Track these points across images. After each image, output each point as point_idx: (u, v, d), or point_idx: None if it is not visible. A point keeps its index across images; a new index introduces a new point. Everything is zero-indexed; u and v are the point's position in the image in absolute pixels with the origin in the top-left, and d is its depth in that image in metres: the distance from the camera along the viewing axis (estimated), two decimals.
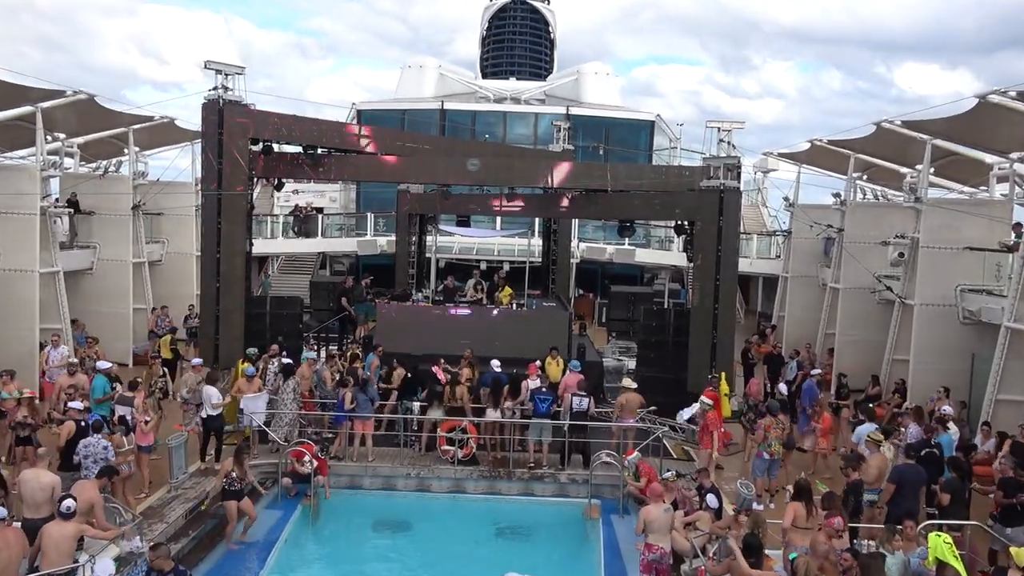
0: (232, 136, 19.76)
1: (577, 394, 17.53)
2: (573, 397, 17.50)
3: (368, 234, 38.67)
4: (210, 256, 20.08)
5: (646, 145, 43.18)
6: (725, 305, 20.41)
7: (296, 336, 21.50)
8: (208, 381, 16.94)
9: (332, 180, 28.43)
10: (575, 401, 17.46)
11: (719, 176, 20.18)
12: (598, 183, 21.52)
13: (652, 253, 38.95)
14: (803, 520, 11.78)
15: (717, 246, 20.18)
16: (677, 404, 20.06)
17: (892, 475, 13.42)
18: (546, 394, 17.61)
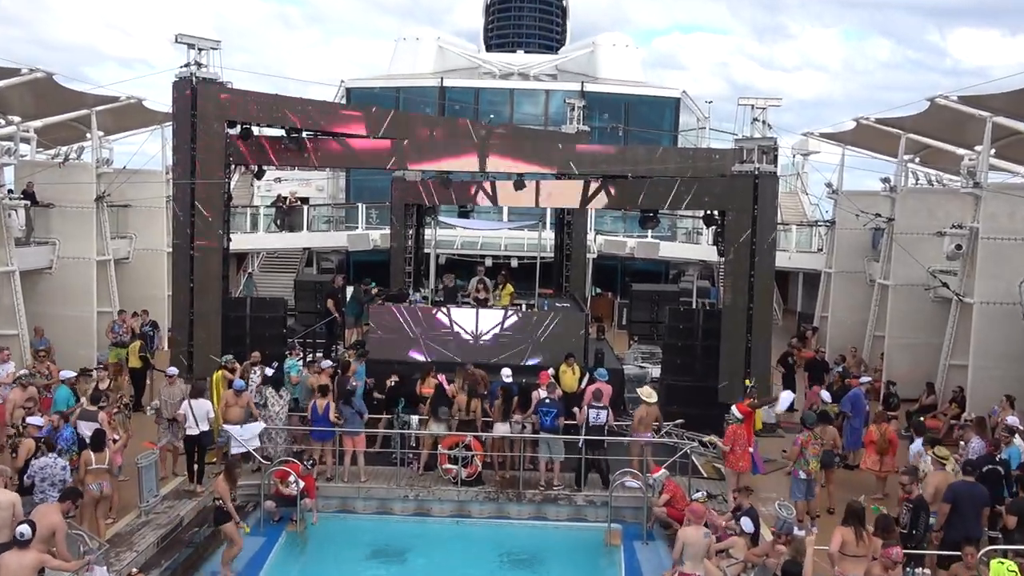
0: (207, 118, 19.79)
1: (594, 406, 17.51)
2: (590, 409, 17.49)
3: (359, 227, 38.74)
4: (183, 253, 20.13)
5: (671, 125, 43.15)
6: (761, 305, 20.35)
7: (279, 342, 21.53)
8: (195, 394, 16.97)
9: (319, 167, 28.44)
10: (591, 414, 17.44)
11: (753, 160, 20.11)
12: (616, 168, 21.48)
13: (678, 247, 38.91)
14: (852, 546, 11.73)
15: (751, 238, 20.12)
16: (707, 416, 20.02)
17: (947, 494, 13.37)
18: (550, 405, 17.57)
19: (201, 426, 16.70)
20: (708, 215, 22.35)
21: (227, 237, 20.87)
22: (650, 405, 18.03)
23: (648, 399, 18.11)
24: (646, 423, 17.92)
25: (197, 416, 16.68)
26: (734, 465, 16.70)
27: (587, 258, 30.44)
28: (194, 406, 16.74)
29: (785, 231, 36.48)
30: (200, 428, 16.70)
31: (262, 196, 41.59)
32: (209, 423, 16.87)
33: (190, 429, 16.76)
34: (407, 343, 21.82)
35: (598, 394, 17.74)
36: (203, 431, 16.76)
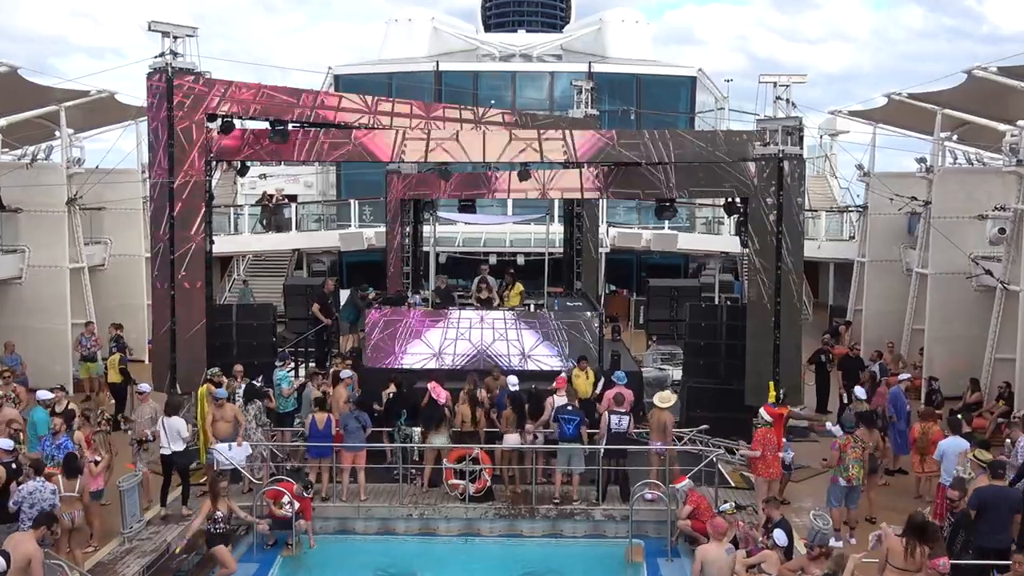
0: (184, 111, 19.83)
1: (616, 411, 17.52)
2: (611, 415, 17.49)
3: (352, 225, 38.78)
4: (163, 258, 20.17)
5: (687, 106, 43.11)
6: (789, 299, 20.33)
7: (268, 352, 21.58)
8: (169, 410, 16.97)
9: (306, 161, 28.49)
10: (613, 420, 17.45)
11: (777, 141, 20.09)
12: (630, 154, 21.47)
13: (698, 238, 38.90)
14: (899, 558, 11.68)
15: (777, 227, 20.10)
16: (732, 420, 20.02)
17: (971, 499, 13.41)
18: (572, 413, 17.60)
19: (174, 445, 16.69)
20: (729, 203, 22.30)
21: (210, 239, 20.91)
22: (661, 410, 18.01)
23: (661, 404, 18.09)
24: (658, 430, 17.93)
25: (170, 435, 16.70)
26: (764, 472, 16.69)
27: (599, 253, 30.41)
28: (167, 424, 16.76)
29: (813, 218, 36.45)
30: (172, 447, 16.70)
31: (246, 194, 41.62)
32: (185, 442, 16.87)
33: (164, 449, 16.79)
34: (405, 350, 21.84)
35: (619, 399, 17.75)
36: (176, 451, 16.74)
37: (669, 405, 18.21)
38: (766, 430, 16.84)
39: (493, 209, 36.95)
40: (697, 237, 38.91)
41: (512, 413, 17.96)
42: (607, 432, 17.52)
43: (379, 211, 35.44)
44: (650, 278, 33.38)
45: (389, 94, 39.59)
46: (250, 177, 34.09)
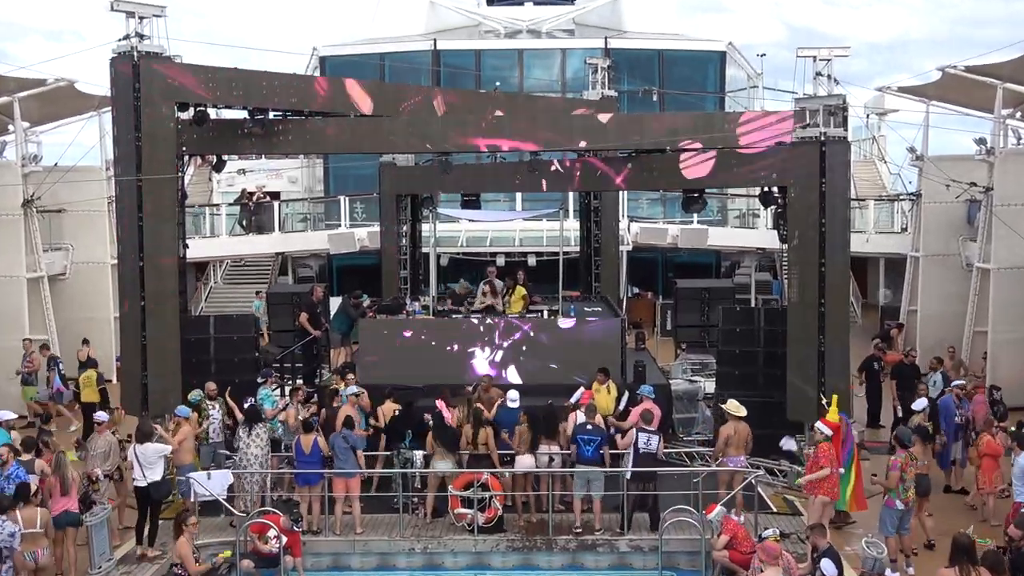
0: (153, 101, 19.87)
1: (644, 430, 17.48)
2: (640, 434, 17.46)
3: (343, 225, 38.85)
4: (131, 265, 20.20)
5: (715, 85, 43.08)
6: (834, 299, 20.29)
7: (250, 368, 21.59)
8: (140, 437, 16.95)
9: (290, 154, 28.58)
10: (641, 439, 17.41)
11: (818, 122, 20.07)
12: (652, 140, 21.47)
13: (731, 233, 38.87)
14: None
15: (820, 219, 20.05)
16: (773, 437, 19.99)
17: (1019, 519, 13.33)
18: (592, 432, 17.57)
19: (149, 475, 16.70)
20: (766, 192, 22.27)
21: (183, 244, 20.94)
22: (739, 420, 17.95)
23: (738, 412, 18.04)
24: (736, 443, 17.85)
25: (145, 464, 16.71)
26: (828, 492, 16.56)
27: (620, 251, 30.42)
28: (139, 453, 16.75)
29: (861, 208, 36.36)
30: (148, 478, 16.71)
31: (223, 192, 41.71)
32: (164, 470, 16.90)
33: (138, 480, 16.80)
34: (404, 362, 21.86)
35: (648, 415, 17.72)
36: (152, 482, 16.75)
37: (744, 414, 18.11)
38: (828, 444, 16.74)
39: (500, 204, 37.03)
40: (730, 232, 38.88)
41: (527, 431, 17.91)
42: (634, 452, 17.46)
43: (372, 209, 35.46)
44: (677, 279, 33.31)
45: (381, 77, 39.78)
46: (227, 173, 34.15)
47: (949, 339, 28.21)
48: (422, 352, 22.02)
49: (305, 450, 17.56)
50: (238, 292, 40.07)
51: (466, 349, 22.11)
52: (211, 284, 40.60)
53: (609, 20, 47.59)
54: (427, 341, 22.16)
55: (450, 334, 22.37)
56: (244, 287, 40.48)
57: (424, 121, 21.92)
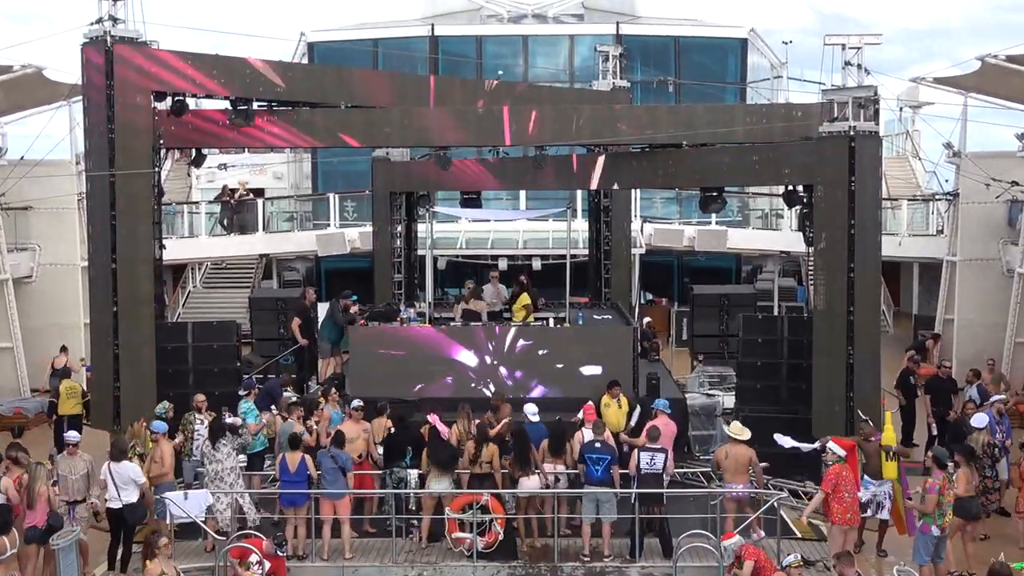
0: (127, 90, 19.85)
1: (648, 448, 17.45)
2: (641, 453, 17.43)
3: (332, 225, 38.84)
4: (102, 267, 20.19)
5: (736, 75, 43.08)
6: (864, 307, 20.27)
7: (231, 380, 21.57)
8: (116, 453, 16.95)
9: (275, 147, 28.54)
10: (644, 458, 17.39)
11: (847, 116, 20.07)
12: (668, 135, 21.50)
13: (752, 235, 38.85)
14: None
15: (849, 220, 20.05)
16: (798, 457, 19.95)
17: None
18: (602, 450, 17.54)
19: (124, 497, 16.70)
20: (790, 191, 22.29)
21: (159, 244, 20.94)
22: (738, 443, 17.91)
23: (738, 435, 17.98)
24: (733, 469, 17.80)
25: (119, 483, 16.70)
26: (840, 518, 16.57)
27: (633, 254, 30.40)
28: (114, 471, 16.74)
29: (893, 209, 36.35)
30: (123, 500, 16.70)
31: (203, 189, 41.72)
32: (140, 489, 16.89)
33: (111, 501, 16.79)
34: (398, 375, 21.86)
35: (654, 432, 17.70)
36: (127, 503, 16.74)
37: (748, 437, 18.04)
38: (840, 466, 16.73)
39: (502, 203, 36.99)
40: (751, 234, 38.85)
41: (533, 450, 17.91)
42: (637, 473, 17.44)
43: (364, 207, 35.51)
44: (694, 284, 33.26)
45: (374, 65, 39.80)
46: (207, 168, 34.11)
47: (988, 351, 28.19)
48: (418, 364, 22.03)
49: (291, 468, 17.54)
50: (218, 297, 40.08)
51: (464, 360, 22.11)
52: (189, 288, 40.60)
53: (621, 4, 47.57)
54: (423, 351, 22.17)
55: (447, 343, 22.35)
56: (225, 291, 40.50)
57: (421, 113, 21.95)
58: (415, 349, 22.20)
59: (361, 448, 18.60)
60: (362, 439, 18.71)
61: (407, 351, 22.15)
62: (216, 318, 29.71)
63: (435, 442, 18.33)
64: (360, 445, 18.60)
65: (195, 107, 21.56)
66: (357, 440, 18.60)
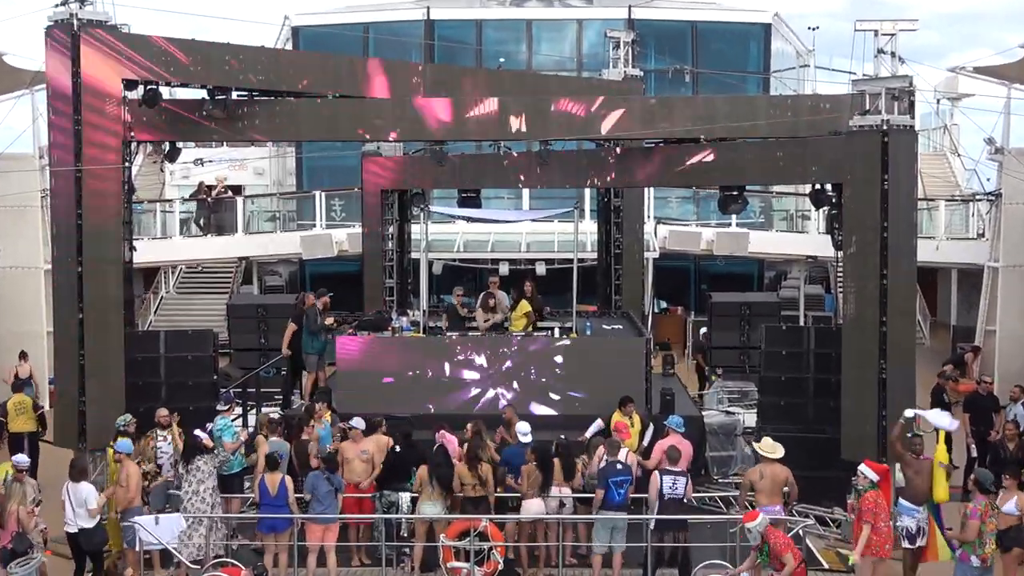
0: (95, 77, 19.84)
1: (669, 471, 17.40)
2: (663, 476, 17.37)
3: (318, 226, 38.85)
4: (67, 270, 20.16)
5: (758, 63, 43.12)
6: (898, 317, 20.24)
7: (207, 394, 21.55)
8: (75, 474, 16.94)
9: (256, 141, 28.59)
10: (666, 482, 17.33)
11: (880, 108, 20.06)
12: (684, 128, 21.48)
13: (776, 238, 38.85)
14: None
15: (881, 222, 20.02)
16: (824, 481, 19.93)
17: None
18: (624, 472, 17.48)
19: (80, 520, 16.70)
20: (818, 191, 22.28)
21: (130, 246, 20.92)
22: (771, 462, 17.83)
23: (770, 453, 17.87)
24: (768, 490, 17.74)
25: (75, 506, 16.68)
26: (872, 549, 16.54)
27: (646, 258, 30.41)
28: (72, 492, 16.74)
29: (930, 210, 36.33)
30: (79, 524, 16.70)
31: (177, 186, 41.73)
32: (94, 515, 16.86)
33: (68, 525, 16.78)
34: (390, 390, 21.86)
35: (674, 453, 17.62)
36: (83, 528, 16.74)
37: (781, 454, 17.92)
38: (876, 493, 16.68)
39: (504, 203, 36.97)
40: (775, 237, 38.84)
41: (536, 471, 17.85)
42: (659, 498, 17.37)
43: (353, 206, 35.49)
44: (713, 292, 33.31)
45: (364, 52, 39.78)
46: (182, 163, 34.05)
47: None
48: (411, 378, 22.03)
49: (271, 491, 17.50)
50: (194, 304, 40.07)
51: (461, 373, 22.10)
52: (162, 294, 40.59)
53: None
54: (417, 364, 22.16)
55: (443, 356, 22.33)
56: (201, 298, 40.49)
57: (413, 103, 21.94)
58: (408, 361, 22.18)
59: (361, 471, 18.56)
60: (360, 460, 18.67)
61: (399, 364, 22.13)
62: (191, 326, 29.79)
63: (438, 460, 18.25)
64: (359, 467, 18.55)
65: (169, 96, 21.50)
66: (354, 461, 18.54)
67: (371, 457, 18.69)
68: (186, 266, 41.28)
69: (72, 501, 16.69)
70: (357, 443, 18.77)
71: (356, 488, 18.44)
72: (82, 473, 16.99)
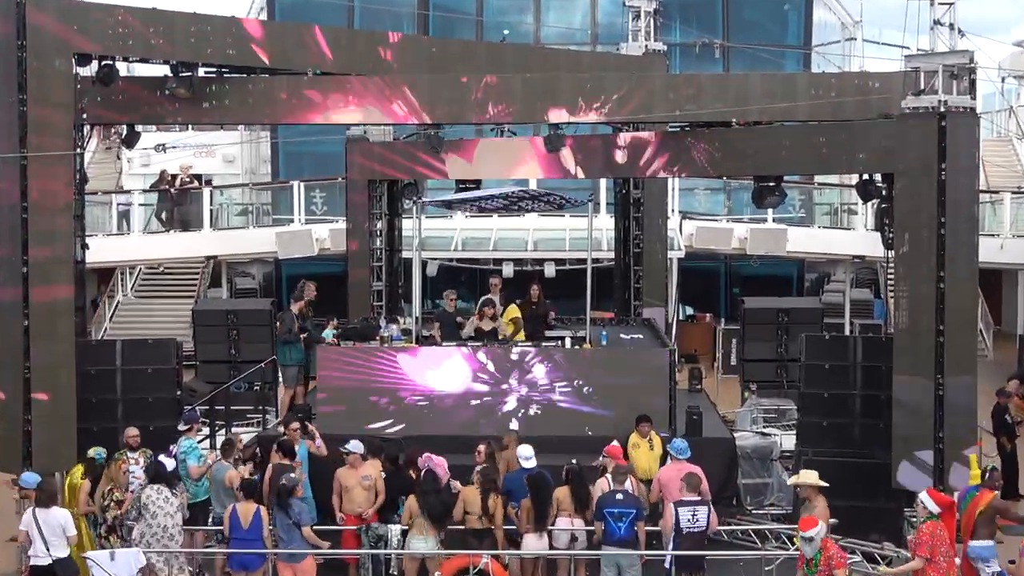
0: (43, 52, 19.84)
1: (686, 502, 17.40)
2: (679, 509, 17.37)
3: (296, 221, 38.86)
4: (10, 271, 20.17)
5: (798, 38, 43.18)
6: (957, 325, 20.23)
7: (169, 411, 21.55)
8: (42, 500, 16.97)
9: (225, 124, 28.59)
10: (684, 515, 17.33)
11: (936, 88, 20.07)
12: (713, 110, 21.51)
13: (818, 235, 38.87)
14: None
15: (938, 218, 20.03)
16: (872, 512, 19.93)
17: None
18: (624, 503, 17.50)
19: (54, 551, 16.72)
20: (865, 181, 22.30)
21: (82, 244, 20.94)
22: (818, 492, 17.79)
23: (815, 481, 17.86)
24: None
25: (46, 535, 16.71)
26: None
27: (669, 258, 30.42)
28: (41, 520, 16.77)
29: (993, 203, 36.34)
30: (53, 554, 16.72)
31: (136, 175, 41.74)
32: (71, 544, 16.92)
33: (36, 557, 16.79)
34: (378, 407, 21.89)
35: (692, 481, 17.62)
36: (58, 559, 16.75)
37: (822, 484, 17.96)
38: (935, 524, 16.69)
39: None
40: (817, 234, 38.86)
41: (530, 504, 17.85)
42: (674, 532, 17.36)
43: (335, 198, 35.56)
44: (746, 296, 33.31)
45: (349, 23, 39.82)
46: (141, 149, 34.10)
47: None
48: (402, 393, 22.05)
49: (243, 523, 17.48)
50: (154, 309, 40.08)
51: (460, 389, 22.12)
52: (119, 298, 40.59)
53: None
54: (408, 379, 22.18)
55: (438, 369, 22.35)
56: (163, 302, 40.50)
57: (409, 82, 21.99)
58: (398, 376, 22.19)
59: (363, 499, 18.59)
60: (362, 488, 18.69)
61: (388, 378, 22.15)
62: (152, 335, 29.69)
63: (427, 488, 18.26)
64: (361, 495, 18.57)
65: (127, 73, 21.53)
66: (355, 489, 18.59)
67: (373, 483, 18.77)
68: (146, 266, 41.27)
69: (43, 529, 16.72)
70: (356, 469, 18.81)
71: (360, 519, 18.54)
72: (52, 497, 17.06)
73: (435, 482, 18.28)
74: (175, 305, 39.22)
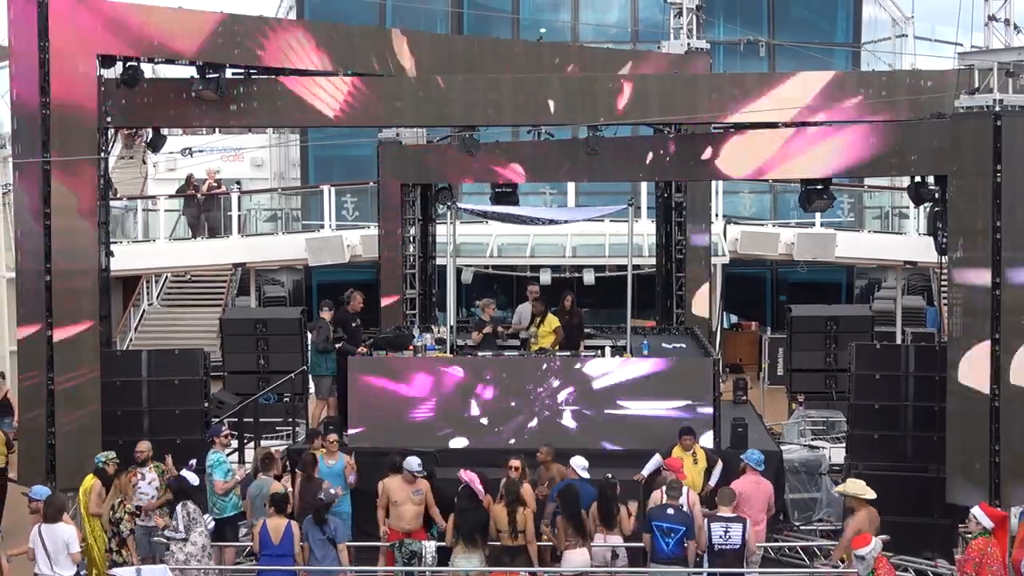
0: (66, 54, 19.94)
1: (720, 517, 17.26)
2: (711, 524, 17.20)
3: (326, 227, 38.88)
4: (34, 279, 20.26)
5: (847, 34, 43.03)
6: (1015, 334, 20.16)
7: (196, 424, 21.61)
8: (51, 514, 16.96)
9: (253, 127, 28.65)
10: (716, 532, 17.22)
11: (992, 86, 19.99)
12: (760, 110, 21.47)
13: (868, 240, 38.66)
14: None
15: (994, 222, 19.94)
16: (925, 528, 19.83)
17: None
18: (675, 519, 17.44)
19: (59, 568, 16.76)
20: (917, 184, 22.22)
21: (107, 251, 21.02)
22: (869, 504, 17.77)
23: (863, 494, 17.83)
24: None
25: (51, 551, 16.77)
26: None
27: (713, 265, 30.34)
28: (46, 535, 16.82)
29: None
30: (57, 571, 16.76)
31: (162, 180, 41.85)
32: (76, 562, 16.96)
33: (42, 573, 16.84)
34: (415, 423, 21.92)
35: (726, 496, 17.51)
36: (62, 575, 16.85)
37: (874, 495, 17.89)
38: (986, 540, 16.61)
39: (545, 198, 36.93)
40: (866, 239, 38.64)
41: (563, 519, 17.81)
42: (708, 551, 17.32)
43: (367, 204, 35.55)
44: (793, 304, 33.19)
45: (381, 21, 39.87)
46: (166, 154, 34.27)
47: None
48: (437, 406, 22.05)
49: (274, 539, 17.50)
50: (181, 318, 40.19)
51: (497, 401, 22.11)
52: (144, 307, 40.69)
53: None
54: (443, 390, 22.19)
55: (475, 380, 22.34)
56: (190, 311, 40.61)
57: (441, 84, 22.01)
58: (433, 387, 22.20)
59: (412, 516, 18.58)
60: (413, 503, 18.64)
61: (422, 390, 22.15)
62: (178, 345, 29.79)
63: (465, 506, 18.25)
64: (411, 511, 18.52)
65: (152, 75, 21.61)
66: (405, 505, 18.54)
67: (424, 498, 18.75)
68: (172, 274, 41.39)
69: (47, 546, 16.77)
70: (409, 483, 18.76)
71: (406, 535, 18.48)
72: (59, 512, 16.98)
73: (472, 498, 18.28)
74: (202, 314, 39.34)
